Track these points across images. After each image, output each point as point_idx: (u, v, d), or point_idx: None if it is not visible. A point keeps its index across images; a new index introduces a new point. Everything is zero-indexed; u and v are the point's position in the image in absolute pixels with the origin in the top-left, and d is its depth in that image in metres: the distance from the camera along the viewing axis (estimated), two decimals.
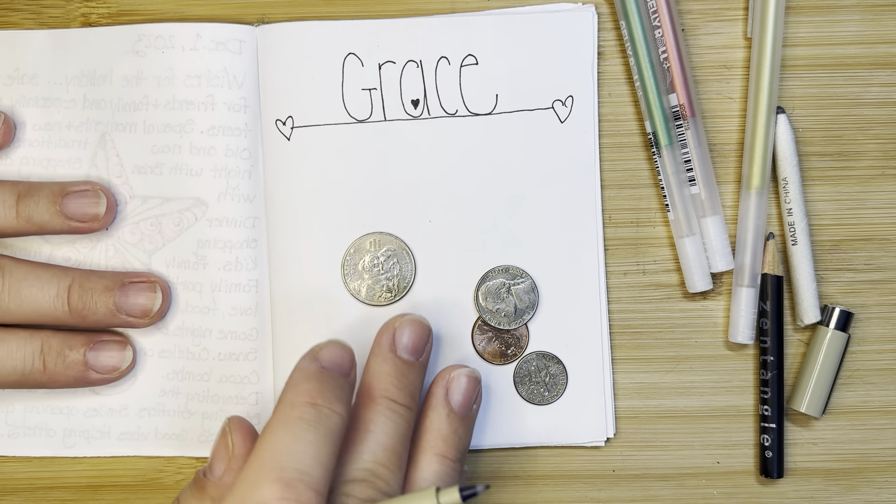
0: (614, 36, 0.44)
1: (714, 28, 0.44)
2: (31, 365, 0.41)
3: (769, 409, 0.43)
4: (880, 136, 0.43)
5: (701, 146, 0.43)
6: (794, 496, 0.44)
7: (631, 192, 0.44)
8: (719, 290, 0.44)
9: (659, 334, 0.44)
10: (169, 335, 0.44)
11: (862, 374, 0.44)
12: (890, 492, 0.44)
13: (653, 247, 0.44)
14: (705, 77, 0.44)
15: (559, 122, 0.43)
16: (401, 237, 0.43)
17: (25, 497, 0.45)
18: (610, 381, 0.44)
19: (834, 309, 0.43)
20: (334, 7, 0.44)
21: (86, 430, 0.44)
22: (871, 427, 0.44)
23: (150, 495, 0.45)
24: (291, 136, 0.43)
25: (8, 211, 0.40)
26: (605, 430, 0.44)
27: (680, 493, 0.44)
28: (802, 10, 0.43)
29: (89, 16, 0.44)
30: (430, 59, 0.43)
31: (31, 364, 0.41)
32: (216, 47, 0.43)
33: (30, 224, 0.41)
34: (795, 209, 0.43)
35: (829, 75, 0.43)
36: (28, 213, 0.41)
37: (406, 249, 0.43)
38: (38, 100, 0.43)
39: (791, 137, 0.43)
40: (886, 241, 0.44)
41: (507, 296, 0.43)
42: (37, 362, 0.41)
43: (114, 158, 0.43)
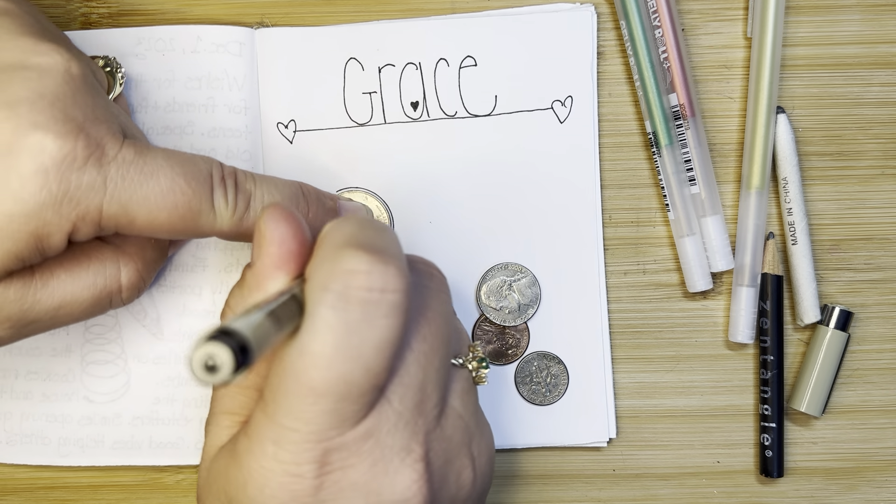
0: (614, 36, 0.44)
1: (714, 28, 0.43)
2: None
3: (769, 409, 0.43)
4: (880, 136, 0.43)
5: (701, 146, 0.43)
6: (794, 495, 0.44)
7: (631, 191, 0.44)
8: (719, 290, 0.44)
9: (659, 334, 0.44)
10: (164, 340, 0.43)
11: (862, 373, 0.44)
12: (890, 491, 0.44)
13: (653, 247, 0.44)
14: (705, 77, 0.44)
15: (559, 122, 0.43)
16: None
17: (25, 497, 0.45)
18: (611, 381, 0.44)
19: (834, 308, 0.43)
20: (334, 7, 0.44)
21: (80, 439, 0.44)
22: (871, 426, 0.44)
23: (150, 495, 0.45)
24: (294, 140, 0.43)
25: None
26: (607, 431, 0.44)
27: (680, 492, 0.44)
28: (802, 10, 0.43)
29: (89, 16, 0.44)
30: (429, 61, 0.43)
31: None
32: (216, 49, 0.43)
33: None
34: (795, 209, 0.43)
35: (829, 75, 0.43)
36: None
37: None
38: None
39: (791, 137, 0.43)
40: (886, 240, 0.44)
41: (510, 293, 0.43)
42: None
43: None
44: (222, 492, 0.32)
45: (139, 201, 0.32)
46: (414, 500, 0.31)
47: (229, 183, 0.35)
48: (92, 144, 0.31)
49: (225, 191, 0.34)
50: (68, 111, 0.32)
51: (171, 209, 0.33)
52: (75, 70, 0.33)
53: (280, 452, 0.30)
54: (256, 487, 0.30)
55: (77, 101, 0.32)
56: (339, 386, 0.29)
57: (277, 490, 0.30)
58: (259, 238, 0.33)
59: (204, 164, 0.34)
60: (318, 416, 0.29)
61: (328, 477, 0.30)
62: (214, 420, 0.35)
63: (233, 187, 0.35)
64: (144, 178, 0.32)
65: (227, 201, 0.34)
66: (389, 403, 0.31)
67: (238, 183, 0.35)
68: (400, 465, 0.31)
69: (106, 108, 0.34)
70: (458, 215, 0.43)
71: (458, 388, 0.35)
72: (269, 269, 0.32)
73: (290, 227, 0.33)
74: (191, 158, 0.34)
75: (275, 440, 0.30)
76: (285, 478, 0.30)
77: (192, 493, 0.45)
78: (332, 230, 0.32)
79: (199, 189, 0.34)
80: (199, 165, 0.34)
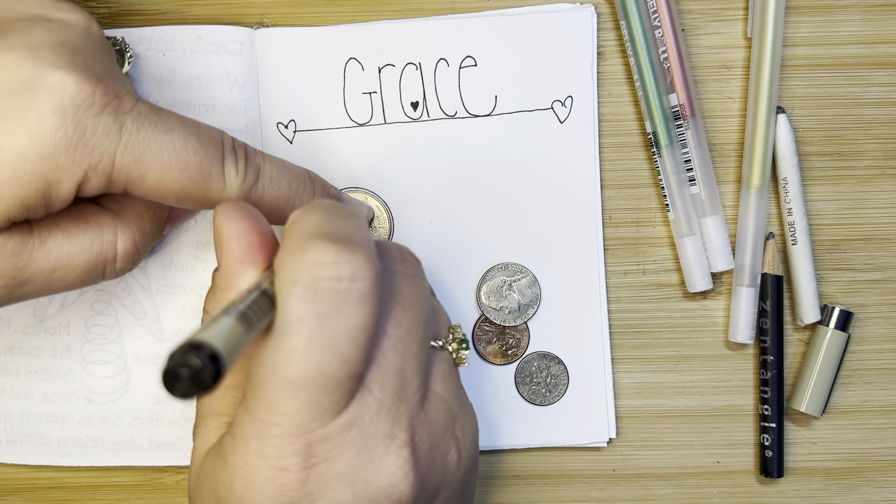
0: (614, 36, 0.44)
1: (714, 28, 0.43)
2: None
3: (769, 409, 0.43)
4: (880, 136, 0.43)
5: (701, 146, 0.43)
6: (794, 496, 0.44)
7: (631, 192, 0.44)
8: (719, 290, 0.44)
9: (659, 334, 0.44)
10: (164, 340, 0.43)
11: (862, 373, 0.44)
12: (890, 491, 0.44)
13: (653, 247, 0.44)
14: (705, 77, 0.44)
15: (559, 122, 0.43)
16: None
17: (25, 497, 0.45)
18: (611, 381, 0.44)
19: (834, 308, 0.43)
20: (334, 7, 0.44)
21: (80, 439, 0.44)
22: (871, 427, 0.44)
23: (150, 495, 0.45)
24: (294, 140, 0.43)
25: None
26: (607, 431, 0.44)
27: (680, 492, 0.44)
28: (802, 10, 0.43)
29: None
30: (428, 61, 0.43)
31: None
32: (217, 49, 0.43)
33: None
34: (795, 209, 0.43)
35: (829, 75, 0.43)
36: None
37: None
38: None
39: (791, 137, 0.43)
40: (886, 240, 0.44)
41: (510, 293, 0.43)
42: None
43: None
44: (211, 492, 0.32)
45: (152, 155, 0.32)
46: (401, 485, 0.31)
47: (240, 153, 0.35)
48: (110, 93, 0.31)
49: (235, 159, 0.34)
50: (88, 62, 0.31)
51: (182, 168, 0.33)
52: (95, 30, 0.33)
53: (264, 448, 0.30)
54: (243, 484, 0.30)
55: (97, 56, 0.32)
56: (315, 378, 0.29)
57: (264, 485, 0.30)
58: (218, 238, 0.33)
59: (216, 132, 0.34)
60: (298, 409, 0.29)
61: (313, 469, 0.30)
62: (202, 422, 0.35)
63: (243, 157, 0.35)
64: (159, 132, 0.32)
65: (237, 169, 0.34)
66: (370, 392, 0.31)
67: (248, 155, 0.35)
68: (385, 452, 0.31)
69: (121, 72, 0.34)
70: (458, 215, 0.43)
71: (440, 371, 0.35)
72: (235, 265, 0.32)
73: (246, 221, 0.32)
74: (204, 125, 0.34)
75: (258, 436, 0.30)
76: (271, 472, 0.30)
77: None
78: (298, 220, 0.32)
79: (212, 152, 0.33)
80: (212, 132, 0.34)
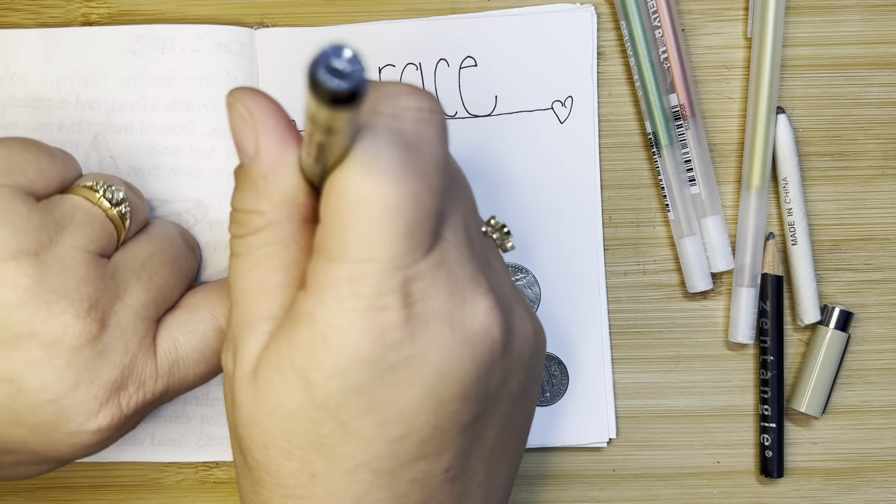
0: (614, 36, 0.44)
1: (714, 28, 0.43)
2: None
3: (769, 409, 0.43)
4: (880, 136, 0.43)
5: (701, 146, 0.43)
6: (794, 496, 0.44)
7: (631, 192, 0.44)
8: (719, 290, 0.44)
9: (659, 334, 0.44)
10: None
11: (862, 373, 0.44)
12: (890, 491, 0.44)
13: (653, 247, 0.44)
14: (705, 77, 0.44)
15: (559, 122, 0.43)
16: None
17: (25, 497, 0.45)
18: (611, 381, 0.44)
19: (834, 309, 0.43)
20: (334, 7, 0.44)
21: None
22: (871, 427, 0.44)
23: (150, 495, 0.45)
24: None
25: None
26: (607, 431, 0.44)
27: (680, 492, 0.44)
28: (802, 10, 0.43)
29: (89, 16, 0.44)
30: (429, 61, 0.43)
31: None
32: (217, 49, 0.43)
33: None
34: (795, 209, 0.43)
35: (829, 75, 0.43)
36: None
37: None
38: (28, 100, 0.43)
39: (791, 137, 0.43)
40: (886, 241, 0.44)
41: None
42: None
43: (107, 160, 0.43)
44: (288, 370, 0.29)
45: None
46: (493, 327, 0.30)
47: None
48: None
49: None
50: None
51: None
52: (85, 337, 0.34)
53: (360, 288, 0.28)
54: (341, 335, 0.28)
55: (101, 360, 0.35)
56: (410, 204, 0.28)
57: (366, 329, 0.28)
58: (245, 122, 0.31)
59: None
60: (394, 239, 0.28)
61: (413, 308, 0.28)
62: (249, 330, 0.31)
63: None
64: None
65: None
66: (446, 240, 0.30)
67: None
68: (474, 294, 0.30)
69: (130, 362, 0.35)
70: None
71: (492, 252, 0.34)
72: (279, 145, 0.30)
73: (272, 100, 0.31)
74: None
75: (351, 279, 0.28)
76: (371, 313, 0.28)
77: (192, 493, 0.45)
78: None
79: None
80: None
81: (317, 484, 0.30)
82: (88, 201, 0.36)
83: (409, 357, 0.29)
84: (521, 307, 0.33)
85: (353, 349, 0.28)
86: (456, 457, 0.31)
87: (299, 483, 0.30)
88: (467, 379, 0.30)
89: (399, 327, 0.28)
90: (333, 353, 0.28)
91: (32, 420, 0.34)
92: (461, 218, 0.31)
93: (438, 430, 0.30)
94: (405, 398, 0.29)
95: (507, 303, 0.32)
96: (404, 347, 0.28)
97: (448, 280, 0.29)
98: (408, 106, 0.29)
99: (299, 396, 0.29)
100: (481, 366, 0.30)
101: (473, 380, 0.30)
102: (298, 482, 0.30)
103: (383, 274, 0.28)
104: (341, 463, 0.30)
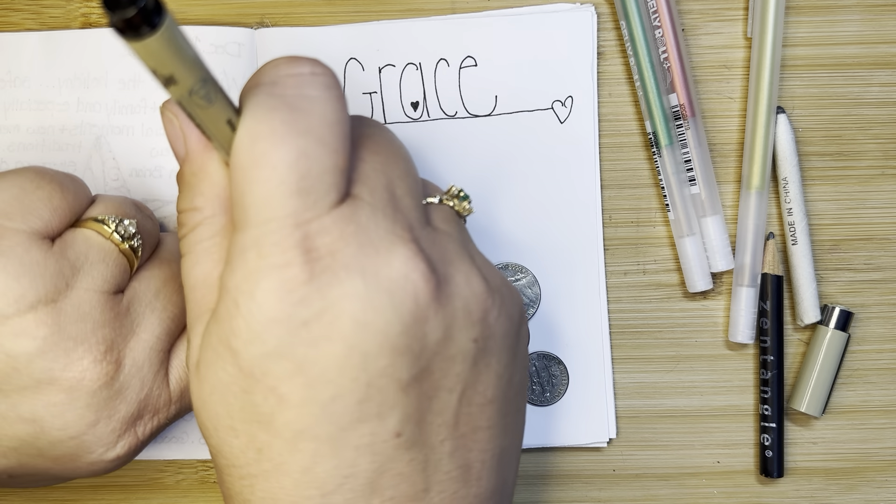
0: (614, 36, 0.44)
1: (714, 28, 0.43)
2: None
3: (769, 409, 0.43)
4: (880, 136, 0.43)
5: (701, 146, 0.43)
6: (794, 496, 0.44)
7: (631, 192, 0.44)
8: (719, 290, 0.44)
9: (659, 334, 0.44)
10: None
11: (862, 373, 0.44)
12: (890, 491, 0.44)
13: (653, 247, 0.44)
14: (705, 77, 0.44)
15: (559, 122, 0.43)
16: None
17: (25, 497, 0.45)
18: (611, 381, 0.44)
19: (834, 309, 0.43)
20: (334, 7, 0.44)
21: None
22: (871, 427, 0.44)
23: (150, 495, 0.45)
24: None
25: None
26: (607, 431, 0.44)
27: (680, 492, 0.44)
28: (802, 10, 0.43)
29: (90, 16, 0.44)
30: (429, 61, 0.43)
31: None
32: (215, 51, 0.43)
33: None
34: (795, 209, 0.43)
35: (829, 75, 0.43)
36: None
37: None
38: (30, 103, 0.43)
39: (791, 137, 0.43)
40: (886, 241, 0.44)
41: None
42: None
43: (109, 162, 0.43)
44: (220, 345, 0.30)
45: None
46: (413, 275, 0.29)
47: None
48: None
49: None
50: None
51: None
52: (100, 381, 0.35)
53: (262, 249, 0.28)
54: (248, 297, 0.28)
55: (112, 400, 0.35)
56: (299, 160, 0.28)
57: (270, 288, 0.28)
58: (173, 126, 0.32)
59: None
60: (288, 196, 0.28)
61: (317, 263, 0.28)
62: (198, 322, 0.32)
63: None
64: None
65: None
66: (360, 198, 0.30)
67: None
68: (390, 245, 0.29)
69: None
70: None
71: (440, 216, 0.33)
72: (202, 152, 0.31)
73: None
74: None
75: (254, 242, 0.28)
76: (273, 271, 0.28)
77: (192, 493, 0.45)
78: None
79: None
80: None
81: (264, 458, 0.30)
82: (101, 236, 0.36)
83: (321, 311, 0.28)
84: (465, 264, 0.32)
85: (262, 309, 0.28)
86: (404, 419, 0.30)
87: (249, 460, 0.30)
88: (391, 329, 0.29)
89: (304, 282, 0.28)
90: (245, 316, 0.29)
91: (54, 453, 0.35)
92: (383, 179, 0.31)
93: (374, 389, 0.29)
94: (327, 355, 0.28)
95: (445, 257, 0.31)
96: (314, 301, 0.28)
97: (359, 233, 0.29)
98: (287, 73, 0.29)
99: (230, 368, 0.29)
100: (405, 315, 0.29)
101: (399, 330, 0.29)
102: (248, 459, 0.30)
103: (283, 231, 0.28)
104: (281, 433, 0.29)
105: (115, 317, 0.35)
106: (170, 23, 0.25)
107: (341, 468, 0.29)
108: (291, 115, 0.29)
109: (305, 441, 0.29)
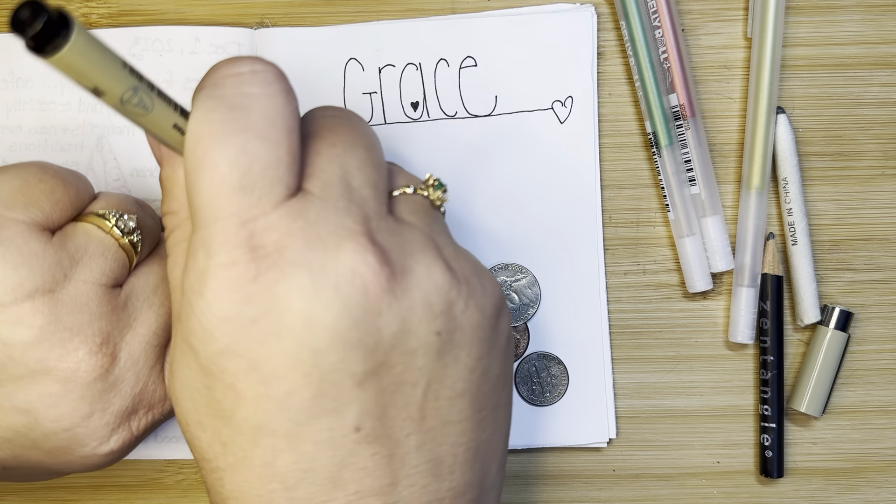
0: (614, 36, 0.44)
1: (714, 28, 0.43)
2: None
3: (769, 409, 0.43)
4: (880, 136, 0.43)
5: (701, 146, 0.43)
6: (794, 496, 0.44)
7: (631, 192, 0.44)
8: (719, 290, 0.44)
9: (659, 334, 0.44)
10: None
11: (862, 373, 0.44)
12: (890, 491, 0.44)
13: (653, 247, 0.44)
14: (705, 77, 0.44)
15: (559, 122, 0.43)
16: None
17: (25, 497, 0.45)
18: (611, 381, 0.44)
19: (834, 309, 0.43)
20: (334, 7, 0.44)
21: None
22: (871, 427, 0.44)
23: (150, 495, 0.45)
24: None
25: None
26: (607, 431, 0.44)
27: (680, 492, 0.44)
28: (802, 10, 0.43)
29: (90, 16, 0.44)
30: (429, 61, 0.43)
31: None
32: (215, 51, 0.43)
33: None
34: (795, 209, 0.43)
35: (829, 75, 0.43)
36: None
37: None
38: (32, 103, 0.43)
39: (791, 137, 0.43)
40: (886, 241, 0.44)
41: (510, 293, 0.43)
42: None
43: (111, 162, 0.43)
44: (182, 342, 0.31)
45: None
46: (361, 268, 0.29)
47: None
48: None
49: None
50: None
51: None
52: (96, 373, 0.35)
53: (209, 249, 0.29)
54: (198, 297, 0.29)
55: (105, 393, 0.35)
56: (240, 158, 0.28)
57: (218, 287, 0.29)
58: (153, 142, 0.33)
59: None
60: (231, 194, 0.28)
61: (264, 261, 0.29)
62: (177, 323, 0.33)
63: None
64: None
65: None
66: (311, 193, 0.30)
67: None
68: (339, 239, 0.29)
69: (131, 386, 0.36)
70: (458, 215, 0.43)
71: (408, 207, 0.33)
72: (173, 157, 0.32)
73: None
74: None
75: (203, 242, 0.29)
76: (220, 270, 0.29)
77: (192, 493, 0.45)
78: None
79: None
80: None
81: (229, 452, 0.30)
82: (101, 230, 0.36)
83: (268, 308, 0.28)
84: (428, 255, 0.31)
85: (212, 309, 0.29)
86: (363, 414, 0.29)
87: (216, 454, 0.31)
88: (340, 324, 0.29)
89: (250, 279, 0.28)
90: (198, 316, 0.29)
91: (47, 445, 0.35)
92: (337, 171, 0.31)
93: (328, 384, 0.29)
94: (277, 352, 0.29)
95: (405, 249, 0.31)
96: (260, 299, 0.29)
97: (307, 228, 0.29)
98: (226, 73, 0.30)
99: (193, 365, 0.30)
100: (354, 309, 0.29)
101: (348, 325, 0.29)
102: (216, 453, 0.31)
103: (228, 231, 0.29)
104: (241, 428, 0.30)
105: (112, 310, 0.35)
106: (80, 33, 0.25)
107: (301, 462, 0.30)
108: (230, 114, 0.29)
109: (264, 436, 0.30)
